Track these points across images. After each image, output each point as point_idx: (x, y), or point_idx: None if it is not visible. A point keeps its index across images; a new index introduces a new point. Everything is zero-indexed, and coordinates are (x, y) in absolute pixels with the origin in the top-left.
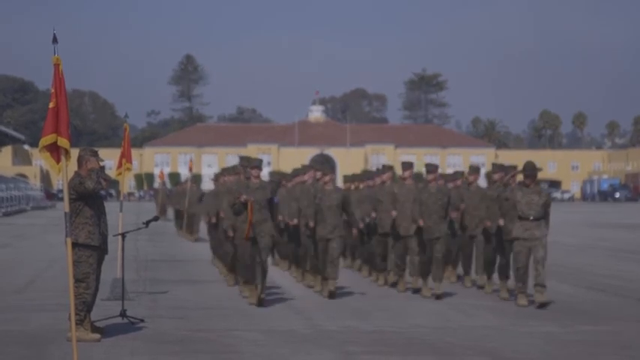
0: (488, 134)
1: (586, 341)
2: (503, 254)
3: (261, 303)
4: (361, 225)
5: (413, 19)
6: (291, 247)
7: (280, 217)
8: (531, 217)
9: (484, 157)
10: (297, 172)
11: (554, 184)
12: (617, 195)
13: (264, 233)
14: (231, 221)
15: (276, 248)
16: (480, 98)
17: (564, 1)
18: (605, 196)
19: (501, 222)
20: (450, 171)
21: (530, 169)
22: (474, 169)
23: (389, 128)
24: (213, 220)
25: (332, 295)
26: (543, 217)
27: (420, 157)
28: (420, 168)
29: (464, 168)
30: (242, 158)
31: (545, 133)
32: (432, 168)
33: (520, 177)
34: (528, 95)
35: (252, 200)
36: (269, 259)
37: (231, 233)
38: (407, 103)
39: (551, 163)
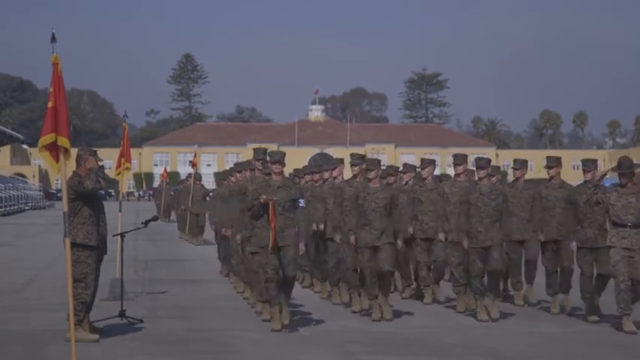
0: (488, 133)
1: (586, 341)
2: (559, 264)
3: (283, 327)
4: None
5: (413, 18)
6: (313, 255)
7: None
8: (629, 224)
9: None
10: (309, 169)
11: None
12: None
13: (289, 243)
14: (247, 231)
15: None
16: (481, 97)
17: (565, 0)
18: None
19: (574, 246)
20: (450, 171)
21: (627, 166)
22: (521, 163)
23: (389, 127)
24: (228, 233)
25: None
26: None
27: (420, 157)
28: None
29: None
30: (257, 151)
31: (545, 132)
32: (482, 163)
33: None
34: (529, 94)
35: (273, 199)
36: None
37: (248, 249)
38: (407, 102)
39: None
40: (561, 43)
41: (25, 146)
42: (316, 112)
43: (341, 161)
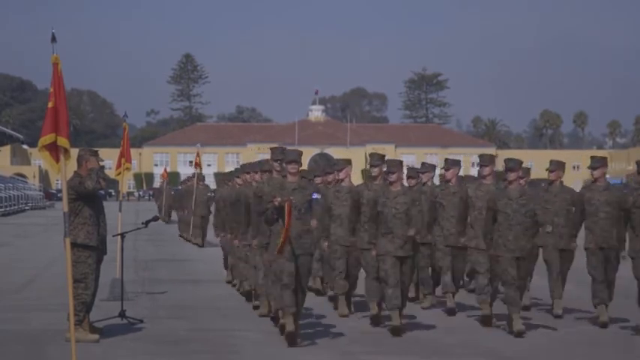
0: (488, 134)
1: (586, 341)
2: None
3: (293, 340)
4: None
5: (413, 18)
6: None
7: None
8: None
9: None
10: (323, 170)
11: None
12: None
13: (305, 250)
14: (262, 237)
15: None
16: (481, 97)
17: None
18: None
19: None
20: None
21: None
22: (556, 165)
23: (389, 128)
24: (237, 242)
25: (397, 332)
26: None
27: (420, 157)
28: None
29: (465, 168)
30: (274, 151)
31: (546, 132)
32: (513, 165)
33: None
34: (529, 94)
35: (290, 200)
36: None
37: (266, 257)
38: (407, 102)
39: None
40: (561, 43)
41: (25, 146)
42: (316, 112)
43: (348, 162)
